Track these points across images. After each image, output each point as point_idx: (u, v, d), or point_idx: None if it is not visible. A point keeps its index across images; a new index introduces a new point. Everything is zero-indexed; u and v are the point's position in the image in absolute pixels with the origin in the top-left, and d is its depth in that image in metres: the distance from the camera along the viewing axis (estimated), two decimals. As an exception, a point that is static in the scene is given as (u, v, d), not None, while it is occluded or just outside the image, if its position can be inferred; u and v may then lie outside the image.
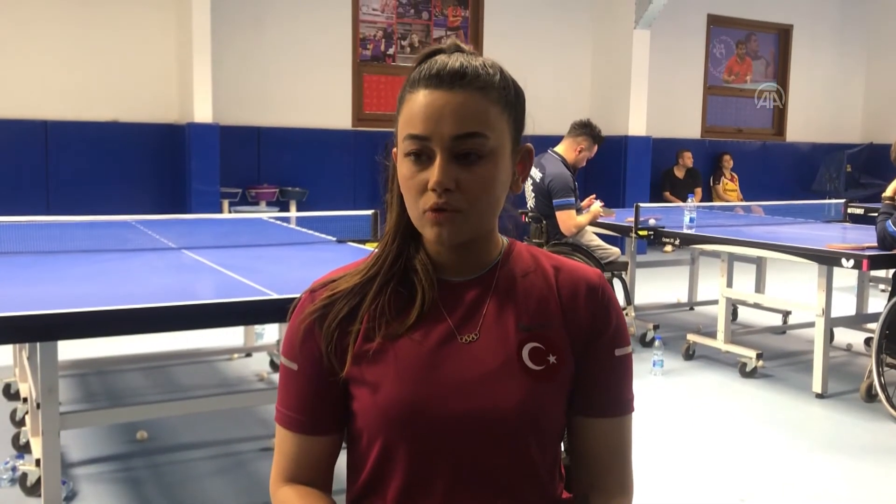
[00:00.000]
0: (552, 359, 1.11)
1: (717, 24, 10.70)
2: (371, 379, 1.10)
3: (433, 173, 1.05)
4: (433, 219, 1.06)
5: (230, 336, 4.79)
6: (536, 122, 1.16)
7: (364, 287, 1.14)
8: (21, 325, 2.25)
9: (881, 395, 3.99)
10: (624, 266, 5.30)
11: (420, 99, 1.05)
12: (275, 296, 2.56)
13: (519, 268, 1.16)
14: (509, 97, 1.09)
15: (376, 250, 1.17)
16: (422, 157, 1.06)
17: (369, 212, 4.22)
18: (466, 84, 1.05)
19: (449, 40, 1.12)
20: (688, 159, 9.88)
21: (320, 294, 1.15)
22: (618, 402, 1.17)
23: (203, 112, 7.20)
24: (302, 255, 3.79)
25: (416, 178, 1.07)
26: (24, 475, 2.92)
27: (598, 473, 1.17)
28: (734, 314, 5.85)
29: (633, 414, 1.19)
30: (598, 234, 5.47)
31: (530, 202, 5.19)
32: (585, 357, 1.14)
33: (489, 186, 1.07)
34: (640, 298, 5.92)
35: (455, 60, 1.06)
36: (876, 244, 4.08)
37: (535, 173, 5.09)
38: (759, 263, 5.87)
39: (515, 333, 1.11)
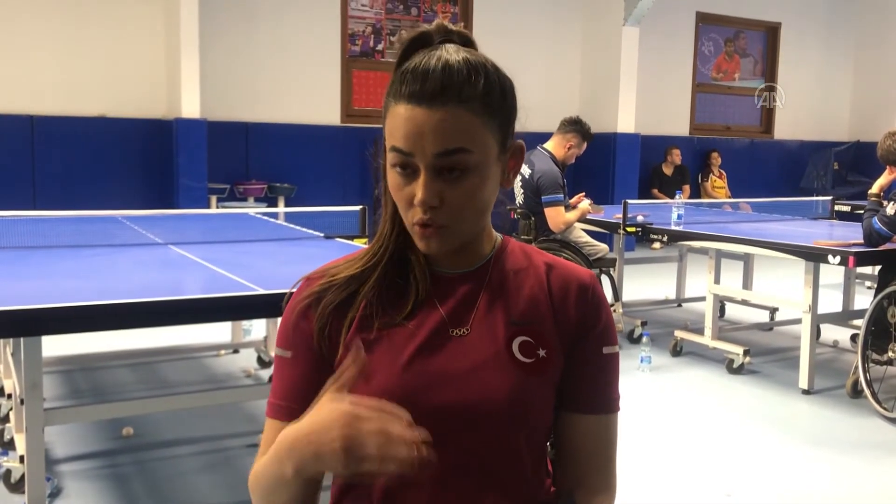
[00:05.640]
0: (542, 352, 1.12)
1: (705, 22, 10.73)
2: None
3: (417, 189, 1.05)
4: (420, 233, 1.08)
5: (217, 332, 4.77)
6: (526, 119, 1.15)
7: (362, 276, 1.14)
8: (5, 319, 2.23)
9: (867, 391, 4.01)
10: (612, 262, 5.31)
11: (402, 112, 1.04)
12: (261, 291, 2.54)
13: (511, 265, 1.17)
14: (494, 102, 1.07)
15: (373, 243, 1.17)
16: (407, 169, 1.06)
17: (357, 207, 4.20)
18: (448, 100, 1.03)
19: (436, 22, 1.11)
20: (676, 156, 9.92)
21: (317, 281, 1.15)
22: (604, 400, 1.17)
23: (191, 107, 7.16)
24: (289, 251, 3.78)
25: (403, 190, 1.07)
26: (9, 472, 2.91)
27: (582, 471, 1.18)
28: (721, 311, 5.87)
29: (621, 409, 1.19)
30: (587, 231, 5.47)
31: (519, 198, 5.19)
32: (574, 354, 1.15)
33: (474, 199, 1.08)
34: (627, 295, 5.93)
35: (437, 64, 1.04)
36: (862, 241, 4.10)
37: (525, 170, 5.08)
38: (747, 260, 5.89)
39: (506, 328, 1.12)
